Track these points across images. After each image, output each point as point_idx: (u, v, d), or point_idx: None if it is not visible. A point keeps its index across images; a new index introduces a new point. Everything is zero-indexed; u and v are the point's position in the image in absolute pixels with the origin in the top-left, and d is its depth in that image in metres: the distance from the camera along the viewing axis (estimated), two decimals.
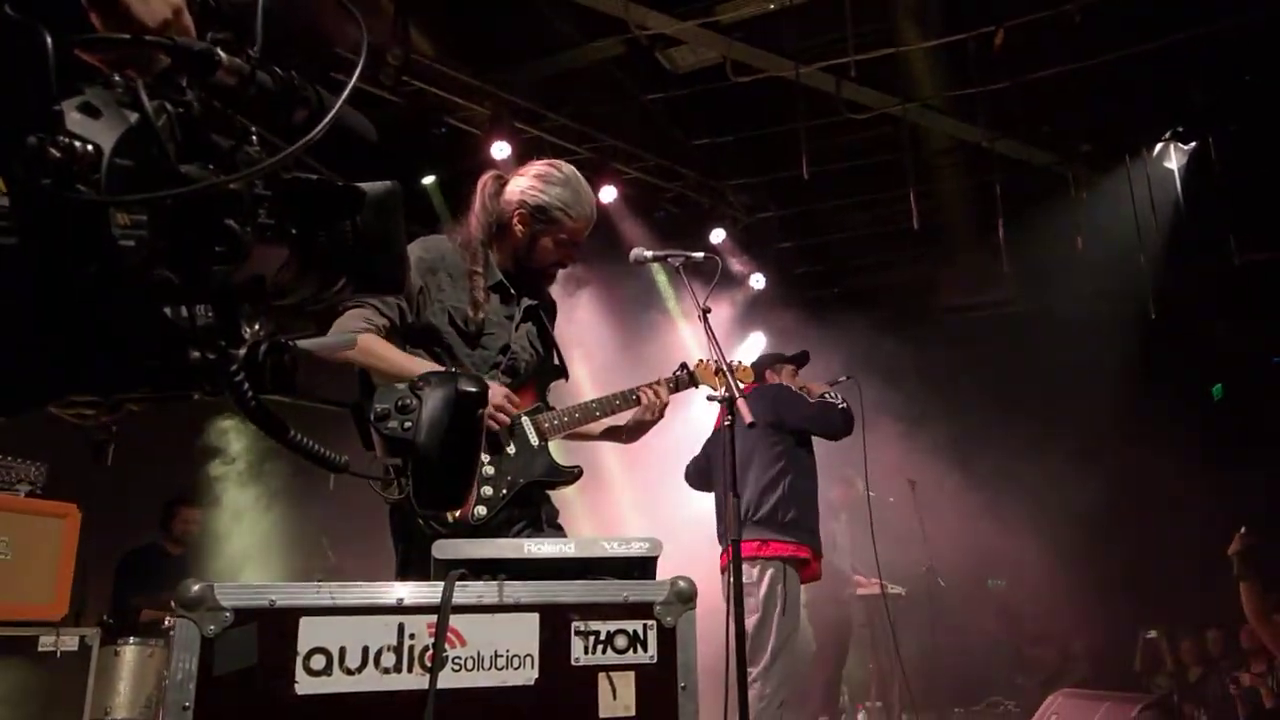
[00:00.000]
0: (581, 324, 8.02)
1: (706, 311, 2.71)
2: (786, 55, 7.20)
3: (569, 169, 2.65)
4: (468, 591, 1.52)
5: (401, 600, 1.47)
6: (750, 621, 4.12)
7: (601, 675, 1.52)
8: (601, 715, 1.50)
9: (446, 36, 7.69)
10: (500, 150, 7.81)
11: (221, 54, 0.71)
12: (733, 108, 8.12)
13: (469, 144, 7.94)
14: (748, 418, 2.36)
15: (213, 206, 0.66)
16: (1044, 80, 6.98)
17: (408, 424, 0.80)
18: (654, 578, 1.95)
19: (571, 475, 2.52)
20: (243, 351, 0.69)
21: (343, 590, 1.44)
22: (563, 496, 3.13)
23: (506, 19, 7.55)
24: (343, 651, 1.40)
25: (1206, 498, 6.75)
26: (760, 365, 4.75)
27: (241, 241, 0.67)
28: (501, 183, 2.65)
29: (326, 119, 0.73)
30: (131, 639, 4.43)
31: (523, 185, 2.60)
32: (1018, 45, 6.85)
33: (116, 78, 0.67)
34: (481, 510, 2.36)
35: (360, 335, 2.31)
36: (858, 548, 7.37)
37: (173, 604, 1.35)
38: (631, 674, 1.53)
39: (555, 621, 1.53)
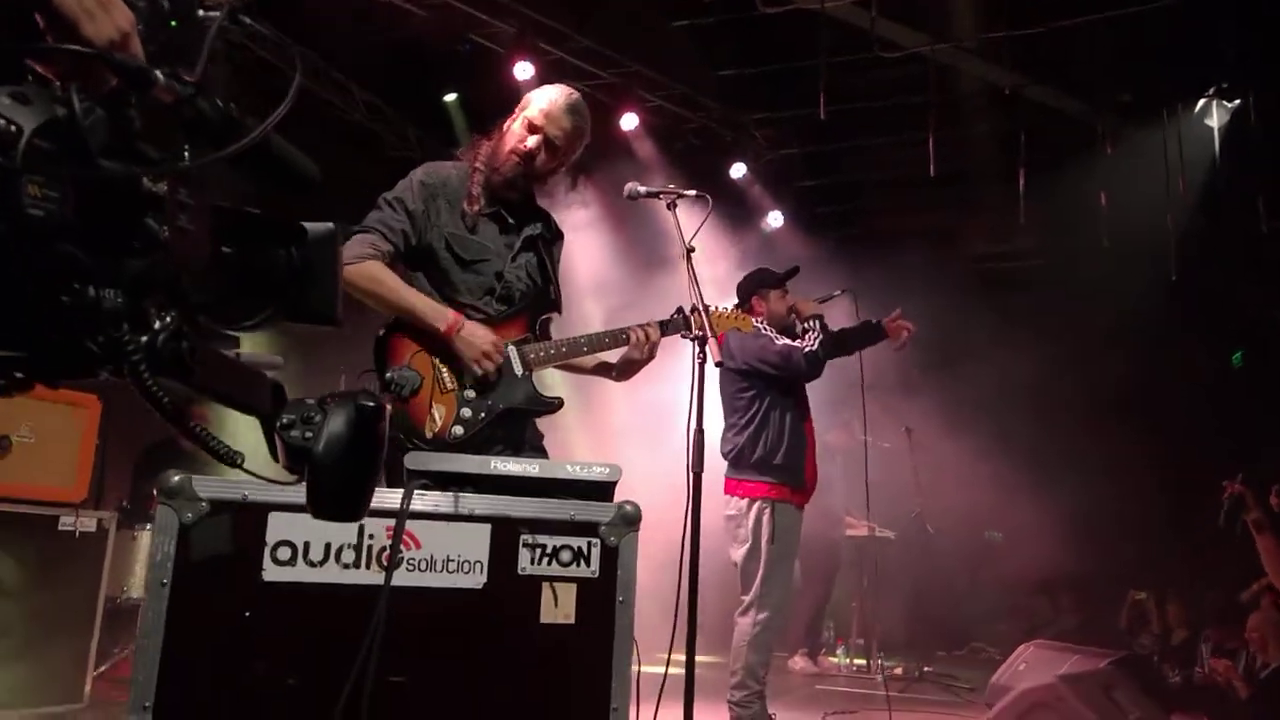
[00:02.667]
0: (594, 255, 8.08)
1: (690, 251, 2.77)
2: None
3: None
4: (426, 500, 1.65)
5: None
6: (740, 552, 4.27)
7: (545, 585, 1.65)
8: (543, 620, 1.64)
9: None
10: (523, 70, 7.77)
11: (159, 74, 0.79)
12: (761, 39, 8.00)
13: (493, 62, 7.89)
14: (716, 357, 2.45)
15: (133, 204, 0.75)
16: (1081, 27, 6.83)
17: (309, 434, 0.86)
18: (612, 500, 2.08)
19: (551, 406, 2.61)
20: (144, 338, 0.77)
21: None
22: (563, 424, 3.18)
23: None
24: (307, 546, 1.55)
25: (1220, 464, 6.77)
26: (745, 289, 4.62)
27: (157, 238, 0.75)
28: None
29: (249, 138, 0.80)
30: (148, 525, 4.66)
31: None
32: None
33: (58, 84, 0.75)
34: (459, 430, 2.46)
35: (365, 261, 2.46)
36: (851, 491, 7.50)
37: (155, 491, 1.49)
38: (573, 585, 1.66)
39: (505, 533, 1.66)
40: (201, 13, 0.85)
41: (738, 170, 9.08)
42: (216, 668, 1.50)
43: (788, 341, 4.35)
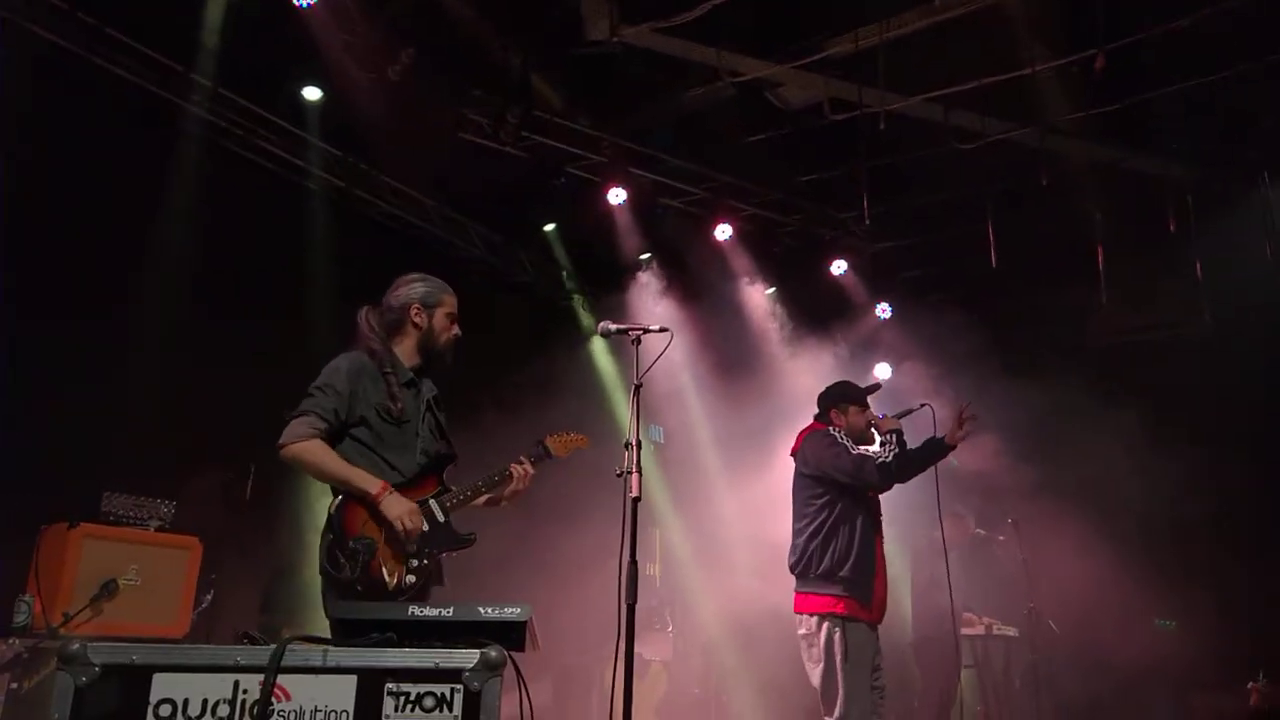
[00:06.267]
0: (691, 354, 8.31)
1: (638, 386, 2.92)
2: (889, 88, 7.13)
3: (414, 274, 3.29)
4: (297, 655, 1.83)
5: (238, 661, 1.81)
6: (816, 672, 4.21)
7: None
8: None
9: (568, 88, 8.14)
10: (616, 196, 8.21)
11: None
12: (850, 139, 8.11)
13: (589, 191, 8.37)
14: (634, 492, 2.55)
15: None
16: (1171, 95, 6.56)
17: None
18: (523, 640, 2.20)
19: (469, 541, 3.07)
20: None
21: (193, 650, 1.80)
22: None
23: (621, 70, 7.86)
24: (186, 702, 1.75)
25: None
26: (825, 401, 4.70)
27: None
28: (378, 308, 3.23)
29: None
30: None
31: (403, 292, 3.22)
32: (1143, 59, 6.49)
33: None
34: (411, 579, 2.91)
35: (308, 440, 2.91)
36: (970, 588, 7.10)
37: (56, 658, 1.75)
38: None
39: (371, 683, 1.81)
40: None
41: (839, 267, 9.11)
42: None
43: (863, 451, 4.35)
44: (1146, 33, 6.13)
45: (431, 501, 3.01)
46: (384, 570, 2.80)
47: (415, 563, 2.88)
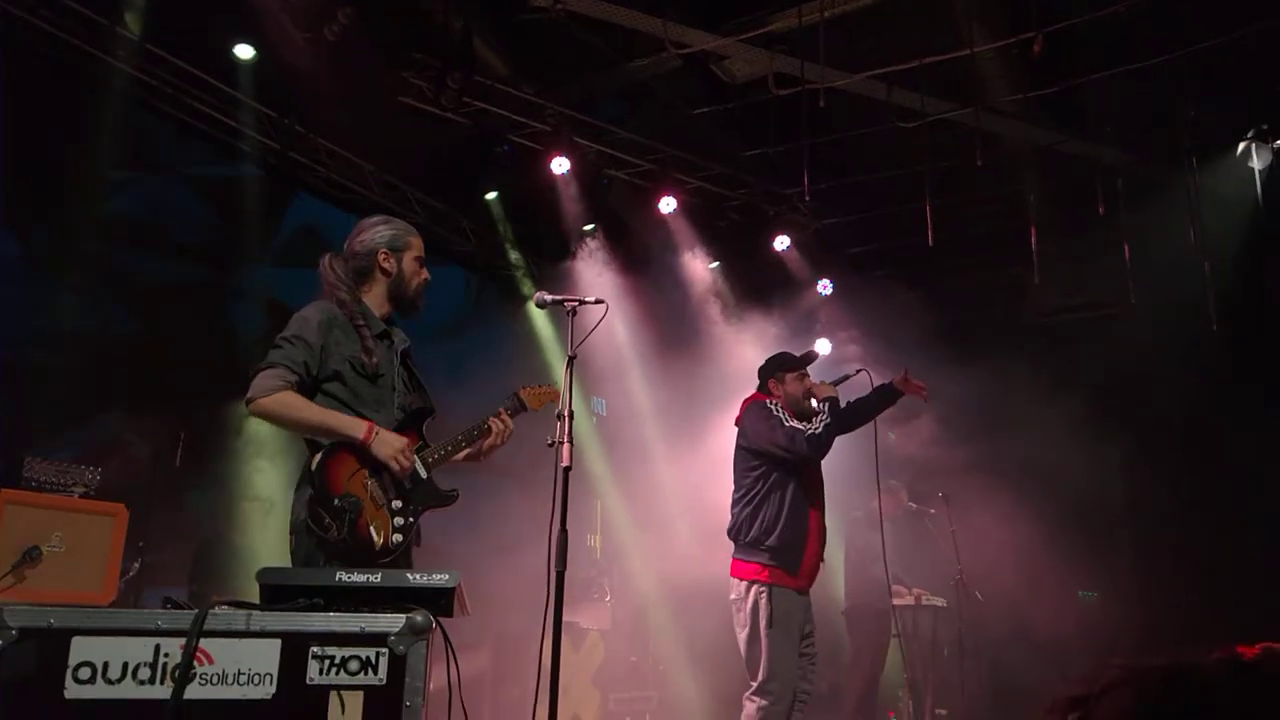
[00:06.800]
0: (631, 323, 8.35)
1: (572, 358, 2.93)
2: (833, 65, 7.17)
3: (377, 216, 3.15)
4: (220, 619, 1.83)
5: (160, 624, 1.80)
6: (742, 637, 4.30)
7: (333, 694, 1.79)
8: None
9: (513, 54, 8.02)
10: (560, 165, 8.12)
11: None
12: (795, 115, 8.15)
13: (532, 159, 8.28)
14: (565, 461, 2.57)
15: None
16: (1108, 80, 6.72)
17: None
18: (451, 606, 2.21)
19: (452, 498, 2.95)
20: None
21: (114, 614, 1.79)
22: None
23: (566, 37, 7.76)
24: (106, 665, 1.74)
25: None
26: (763, 372, 4.76)
27: None
28: (341, 255, 3.08)
29: None
30: None
31: (367, 237, 3.06)
32: (1079, 44, 6.63)
33: None
34: (398, 538, 2.80)
35: (278, 392, 2.75)
36: (902, 559, 7.29)
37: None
38: (361, 694, 1.80)
39: (296, 646, 1.82)
40: None
41: (782, 243, 9.17)
42: None
43: (795, 424, 4.39)
44: (1084, 18, 6.25)
45: (414, 457, 2.88)
46: (371, 529, 2.70)
47: (401, 521, 2.79)
